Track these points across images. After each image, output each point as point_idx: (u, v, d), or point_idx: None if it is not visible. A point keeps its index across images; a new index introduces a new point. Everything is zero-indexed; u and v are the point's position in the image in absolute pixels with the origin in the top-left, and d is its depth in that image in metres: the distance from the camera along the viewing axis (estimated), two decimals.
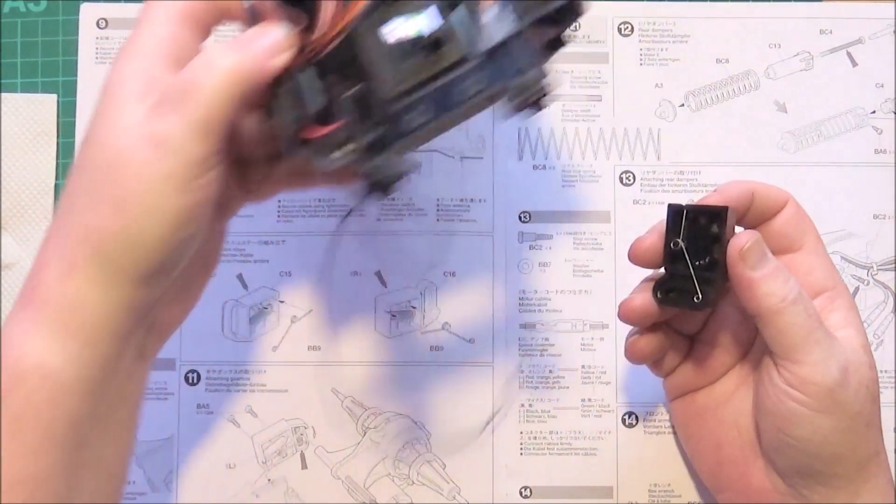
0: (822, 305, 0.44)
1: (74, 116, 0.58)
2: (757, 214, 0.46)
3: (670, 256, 0.44)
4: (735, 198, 0.44)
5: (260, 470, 0.56)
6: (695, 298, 0.43)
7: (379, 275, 0.57)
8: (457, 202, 0.58)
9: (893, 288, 0.57)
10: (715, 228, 0.43)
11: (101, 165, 0.36)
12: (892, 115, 0.58)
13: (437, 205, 0.58)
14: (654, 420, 0.56)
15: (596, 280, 0.57)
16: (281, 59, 0.36)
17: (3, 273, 0.57)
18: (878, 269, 0.58)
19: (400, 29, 0.34)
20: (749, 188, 0.45)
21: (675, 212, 0.44)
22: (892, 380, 0.57)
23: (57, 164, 0.58)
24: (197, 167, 0.35)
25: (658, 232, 0.45)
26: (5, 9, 0.60)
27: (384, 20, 0.35)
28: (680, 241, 0.43)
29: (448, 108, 0.37)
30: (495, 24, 0.36)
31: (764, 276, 0.41)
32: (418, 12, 0.35)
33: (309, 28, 0.36)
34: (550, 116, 0.59)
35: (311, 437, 0.56)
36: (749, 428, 0.46)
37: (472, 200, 0.58)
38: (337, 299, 0.57)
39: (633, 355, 0.48)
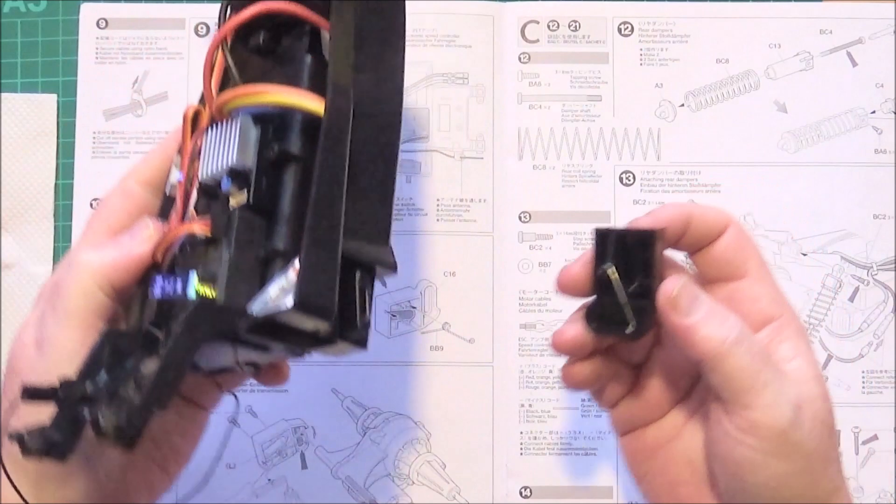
0: (770, 336, 0.40)
1: (74, 116, 0.58)
2: (694, 239, 0.41)
3: (600, 283, 0.40)
4: (667, 221, 0.41)
5: (260, 470, 0.56)
6: (628, 327, 0.39)
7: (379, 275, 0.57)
8: (457, 202, 0.58)
9: (893, 288, 0.57)
10: (645, 253, 0.39)
11: (8, 370, 0.40)
12: (892, 115, 0.58)
13: (437, 205, 0.58)
14: None
15: None
16: (139, 254, 0.39)
17: (3, 273, 0.57)
18: (878, 269, 0.58)
19: (166, 285, 0.37)
20: (684, 211, 0.41)
21: (601, 236, 0.40)
22: (892, 380, 0.57)
23: (57, 164, 0.58)
24: (70, 361, 0.36)
25: (586, 259, 0.41)
26: (5, 9, 0.60)
27: (188, 259, 0.38)
28: (608, 266, 0.40)
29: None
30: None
31: (699, 322, 0.38)
32: (187, 273, 0.37)
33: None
34: (550, 116, 0.59)
35: (311, 437, 0.56)
36: (703, 466, 0.42)
37: (472, 200, 0.58)
38: None
39: (567, 383, 0.44)
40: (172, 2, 0.59)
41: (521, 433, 0.56)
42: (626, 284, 0.39)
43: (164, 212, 0.41)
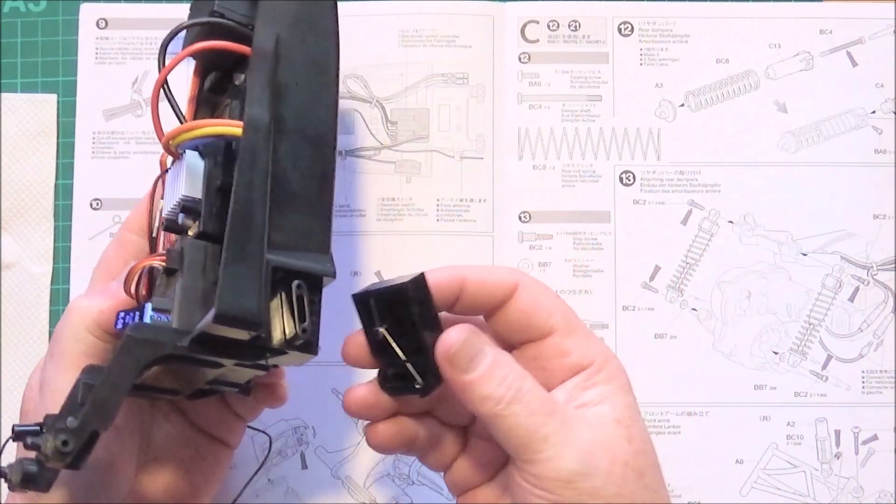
0: (578, 384, 0.39)
1: (74, 116, 0.58)
2: (476, 303, 0.40)
3: (379, 346, 0.40)
4: (434, 283, 0.39)
5: (260, 470, 0.56)
6: (416, 385, 0.39)
7: (379, 275, 0.57)
8: (457, 202, 0.58)
9: (893, 288, 0.57)
10: (410, 309, 0.39)
11: (21, 413, 0.43)
12: (892, 115, 0.58)
13: (437, 205, 0.58)
14: (654, 420, 0.56)
15: (596, 280, 0.57)
16: (125, 297, 0.41)
17: (3, 273, 0.57)
18: (878, 269, 0.58)
19: (123, 320, 0.40)
20: (455, 275, 0.40)
21: (359, 301, 0.40)
22: (892, 380, 0.57)
23: (57, 164, 0.58)
24: None
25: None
26: (5, 9, 0.60)
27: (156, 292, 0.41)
28: (380, 327, 0.39)
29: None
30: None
31: (477, 380, 0.38)
32: (142, 309, 0.39)
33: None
34: (550, 116, 0.59)
35: (311, 437, 0.56)
36: None
37: (472, 200, 0.58)
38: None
39: (371, 444, 0.42)
40: (172, 2, 0.59)
41: None
42: (403, 343, 0.39)
43: (153, 251, 0.44)
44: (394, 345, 0.39)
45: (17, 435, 0.37)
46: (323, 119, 0.41)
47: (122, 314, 0.40)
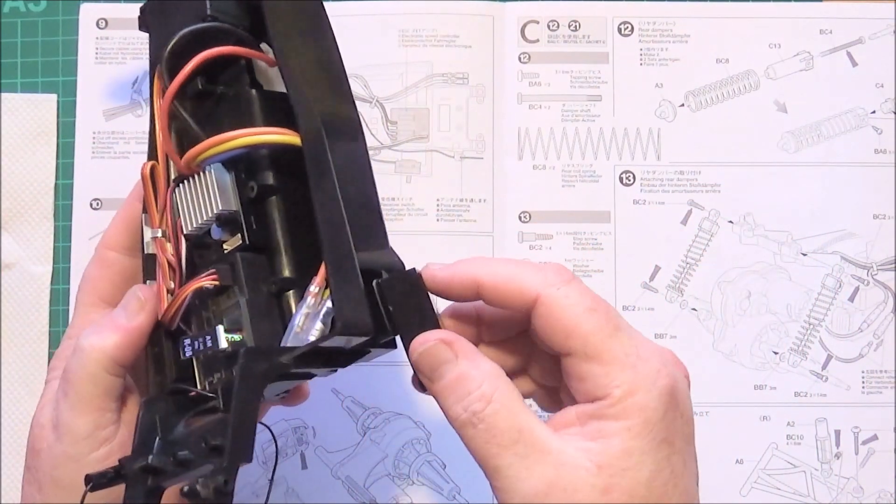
0: (591, 411, 0.36)
1: (74, 116, 0.58)
2: (497, 305, 0.38)
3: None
4: (442, 283, 0.38)
5: (260, 470, 0.56)
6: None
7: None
8: (457, 202, 0.58)
9: (893, 288, 0.57)
10: (418, 299, 0.38)
11: (30, 449, 0.42)
12: (892, 115, 0.58)
13: (437, 205, 0.58)
14: None
15: (596, 280, 0.57)
16: (137, 328, 0.40)
17: (3, 273, 0.57)
18: (878, 269, 0.58)
19: (195, 344, 0.39)
20: (471, 275, 0.37)
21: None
22: (892, 380, 0.57)
23: (57, 164, 0.58)
24: (85, 444, 0.39)
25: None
26: (5, 9, 0.60)
27: (200, 315, 0.40)
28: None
29: (188, 465, 0.36)
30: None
31: (439, 391, 0.36)
32: (212, 328, 0.38)
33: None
34: (550, 116, 0.59)
35: (311, 437, 0.56)
36: None
37: (472, 200, 0.58)
38: None
39: None
40: None
41: None
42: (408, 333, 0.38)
43: (147, 270, 0.42)
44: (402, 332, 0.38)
45: (94, 485, 0.36)
46: (350, 111, 0.41)
47: (187, 342, 0.39)
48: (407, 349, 0.38)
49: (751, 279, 0.58)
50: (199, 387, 0.40)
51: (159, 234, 0.41)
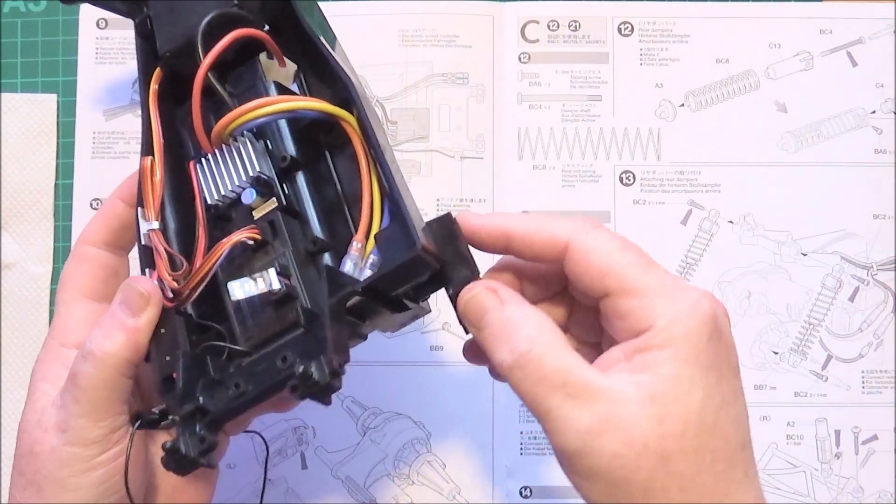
0: (636, 345, 0.36)
1: (74, 116, 0.58)
2: (531, 257, 0.39)
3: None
4: (472, 234, 0.39)
5: (260, 470, 0.56)
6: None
7: None
8: (457, 202, 0.58)
9: (893, 288, 0.57)
10: (457, 243, 0.39)
11: (25, 452, 0.40)
12: (892, 115, 0.58)
13: (437, 205, 0.58)
14: None
15: None
16: (146, 324, 0.40)
17: (3, 273, 0.57)
18: (878, 269, 0.58)
19: (246, 286, 0.38)
20: (502, 227, 0.38)
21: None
22: (892, 380, 0.57)
23: (57, 164, 0.58)
24: (97, 447, 0.39)
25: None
26: (5, 9, 0.60)
27: (236, 275, 0.39)
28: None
29: (262, 381, 0.37)
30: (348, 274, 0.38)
31: (485, 338, 0.37)
32: (263, 271, 0.38)
33: (188, 274, 0.40)
34: (550, 116, 0.59)
35: (311, 437, 0.56)
36: None
37: (472, 200, 0.58)
38: None
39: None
40: None
41: (521, 433, 0.56)
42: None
43: (145, 260, 0.42)
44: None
45: (144, 423, 0.38)
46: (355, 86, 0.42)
47: (237, 284, 0.38)
48: (450, 294, 0.38)
49: (751, 279, 0.58)
50: (237, 339, 0.39)
51: (156, 226, 0.41)
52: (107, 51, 0.59)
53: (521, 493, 0.56)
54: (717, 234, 0.58)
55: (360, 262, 0.38)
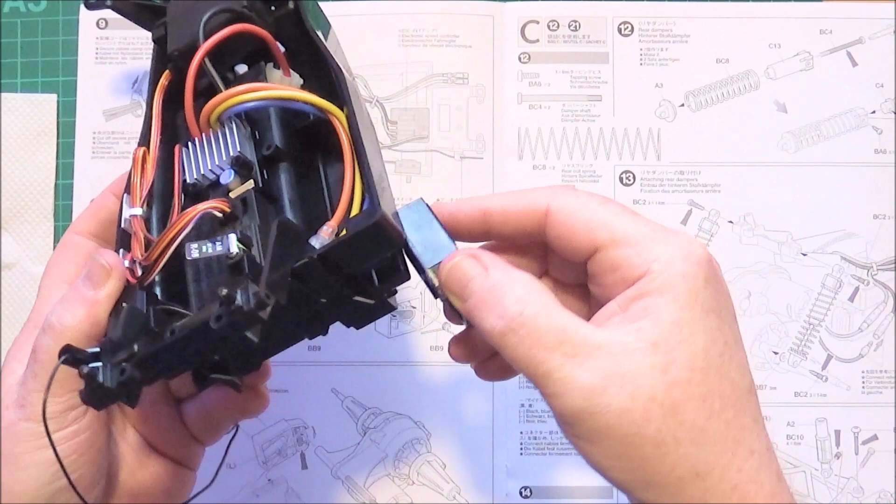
0: (631, 294, 0.35)
1: (74, 116, 0.58)
2: (507, 235, 0.38)
3: (433, 291, 0.39)
4: (449, 218, 0.38)
5: (260, 470, 0.56)
6: (464, 322, 0.39)
7: None
8: None
9: (893, 288, 0.57)
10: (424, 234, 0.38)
11: None
12: (892, 115, 0.58)
13: None
14: None
15: None
16: (106, 296, 0.39)
17: (3, 273, 0.57)
18: (878, 269, 0.58)
19: (204, 246, 0.37)
20: (476, 206, 0.38)
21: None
22: (892, 380, 0.57)
23: (57, 164, 0.58)
24: (53, 423, 0.38)
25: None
26: (5, 9, 0.60)
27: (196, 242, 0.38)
28: (428, 269, 0.38)
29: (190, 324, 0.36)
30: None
31: (472, 308, 0.36)
32: (223, 237, 0.37)
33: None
34: (550, 116, 0.59)
35: (311, 437, 0.56)
36: None
37: None
38: None
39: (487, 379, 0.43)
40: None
41: (521, 433, 0.56)
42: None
43: (122, 242, 0.41)
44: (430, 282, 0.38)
45: (70, 359, 0.35)
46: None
47: (194, 245, 0.37)
48: (424, 278, 0.38)
49: (751, 279, 0.58)
50: (191, 305, 0.38)
51: (139, 213, 0.40)
52: (107, 51, 0.59)
53: (521, 494, 0.56)
54: (717, 234, 0.58)
55: (325, 242, 0.37)
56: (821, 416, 0.57)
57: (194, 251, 0.37)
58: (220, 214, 0.38)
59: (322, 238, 0.37)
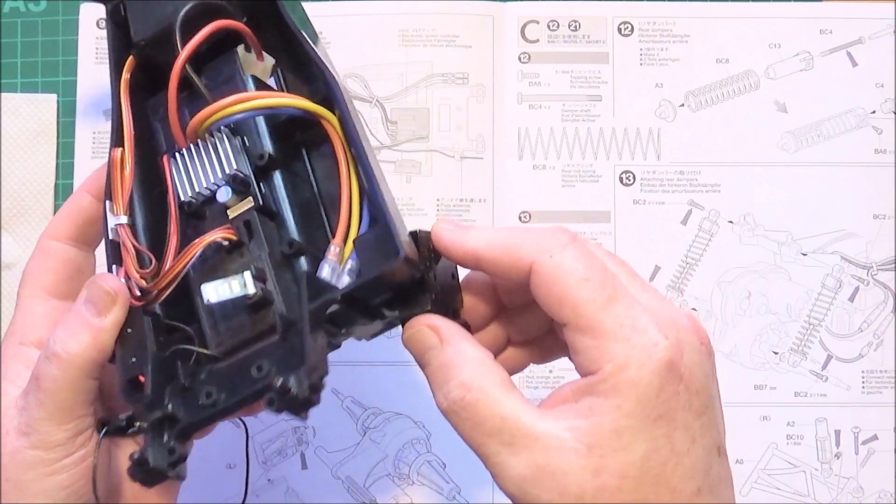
0: (583, 387, 0.34)
1: (74, 116, 0.58)
2: (501, 278, 0.38)
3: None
4: (446, 248, 0.37)
5: (260, 470, 0.56)
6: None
7: None
8: (457, 202, 0.58)
9: (893, 288, 0.57)
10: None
11: None
12: (892, 115, 0.58)
13: (437, 205, 0.58)
14: None
15: None
16: (112, 323, 0.38)
17: (3, 273, 0.57)
18: (878, 269, 0.58)
19: (220, 289, 0.37)
20: (471, 250, 0.37)
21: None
22: (892, 380, 0.57)
23: (57, 164, 0.58)
24: (61, 450, 0.38)
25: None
26: (5, 9, 0.60)
27: (209, 276, 0.38)
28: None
29: (236, 391, 0.36)
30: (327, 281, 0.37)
31: (427, 375, 0.36)
32: (238, 274, 0.37)
33: (157, 273, 0.39)
34: (550, 116, 0.59)
35: (311, 437, 0.56)
36: None
37: (472, 200, 0.58)
38: None
39: None
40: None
41: None
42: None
43: (113, 255, 0.40)
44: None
45: (111, 430, 0.36)
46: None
47: (211, 286, 0.37)
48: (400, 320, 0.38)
49: (751, 279, 0.58)
50: (208, 343, 0.38)
51: (124, 221, 0.40)
52: (107, 51, 0.59)
53: None
54: (717, 234, 0.58)
55: (337, 268, 0.37)
56: (821, 416, 0.57)
57: (211, 294, 0.37)
58: (226, 243, 0.38)
59: (331, 262, 0.37)
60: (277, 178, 0.40)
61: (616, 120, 0.59)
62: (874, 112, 0.58)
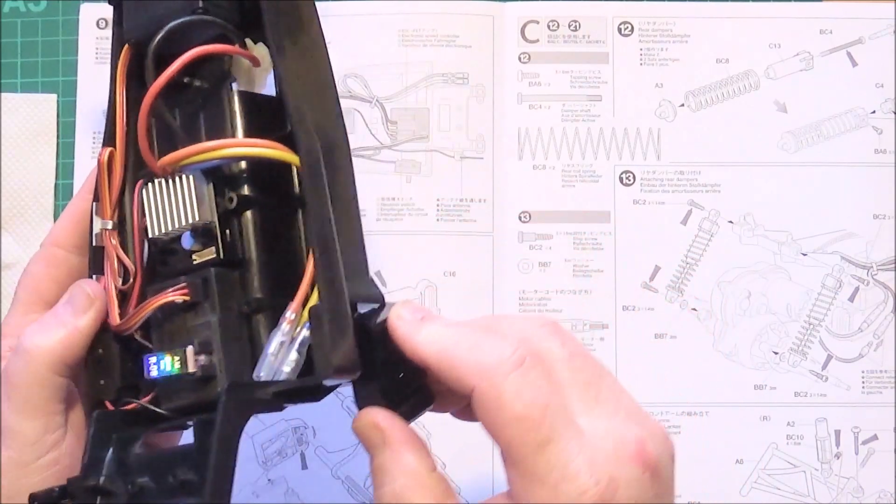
0: None
1: (74, 116, 0.58)
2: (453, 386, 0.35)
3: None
4: (400, 344, 0.35)
5: (260, 470, 0.56)
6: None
7: (379, 275, 0.57)
8: (457, 202, 0.58)
9: (893, 288, 0.57)
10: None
11: None
12: (892, 115, 0.58)
13: (437, 205, 0.58)
14: None
15: (596, 280, 0.57)
16: (86, 326, 0.38)
17: (3, 273, 0.57)
18: (878, 269, 0.58)
19: (162, 364, 0.36)
20: (420, 356, 0.34)
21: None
22: (892, 380, 0.57)
23: (57, 164, 0.58)
24: (35, 448, 0.37)
25: None
26: (5, 9, 0.60)
27: (166, 332, 0.37)
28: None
29: (150, 496, 0.35)
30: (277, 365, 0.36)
31: (370, 466, 0.35)
32: (181, 350, 0.36)
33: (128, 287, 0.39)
34: (550, 116, 0.59)
35: (311, 437, 0.56)
36: None
37: (472, 200, 0.58)
38: None
39: None
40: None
41: None
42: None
43: (95, 263, 0.40)
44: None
45: (42, 501, 0.35)
46: (342, 140, 0.39)
47: (152, 361, 0.36)
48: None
49: (751, 279, 0.58)
50: (157, 404, 0.37)
51: (109, 226, 0.39)
52: (107, 51, 0.58)
53: None
54: (717, 234, 0.58)
55: (287, 339, 0.35)
56: (821, 416, 0.57)
57: (152, 369, 0.36)
58: (181, 301, 0.37)
59: (284, 331, 0.35)
60: (249, 218, 0.38)
61: (616, 120, 0.59)
62: (874, 112, 0.58)
